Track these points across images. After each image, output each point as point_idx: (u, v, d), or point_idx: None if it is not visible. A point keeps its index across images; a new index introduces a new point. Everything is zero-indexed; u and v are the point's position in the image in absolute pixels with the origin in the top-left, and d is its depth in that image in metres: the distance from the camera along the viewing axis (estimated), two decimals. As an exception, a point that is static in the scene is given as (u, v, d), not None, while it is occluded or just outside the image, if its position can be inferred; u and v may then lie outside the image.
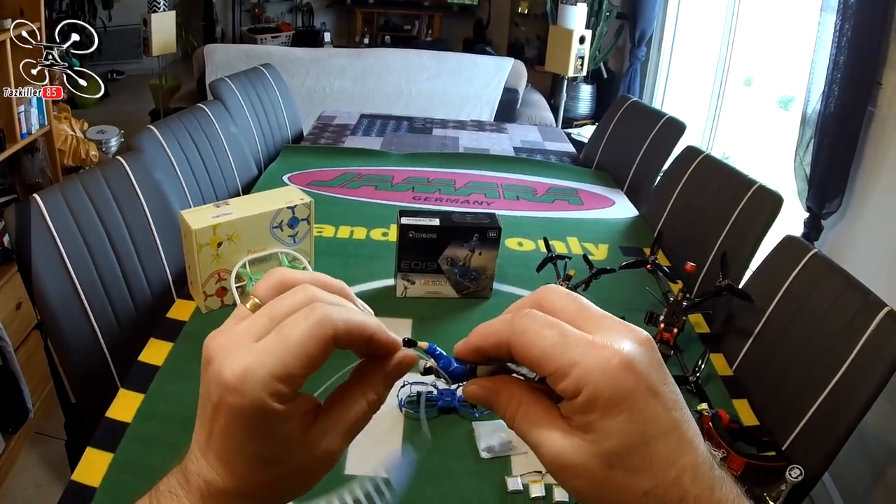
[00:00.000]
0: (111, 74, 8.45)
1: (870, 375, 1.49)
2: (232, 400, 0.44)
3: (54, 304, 1.68)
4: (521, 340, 0.47)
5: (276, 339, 0.45)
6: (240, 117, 3.17)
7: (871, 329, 1.54)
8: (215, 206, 1.86)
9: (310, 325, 0.45)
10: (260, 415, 0.44)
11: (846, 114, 2.88)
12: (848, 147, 2.93)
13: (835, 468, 2.58)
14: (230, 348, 0.45)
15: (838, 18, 2.84)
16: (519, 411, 0.49)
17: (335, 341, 0.46)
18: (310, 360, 0.45)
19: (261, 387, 0.44)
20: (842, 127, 2.90)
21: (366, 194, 2.79)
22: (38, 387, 2.71)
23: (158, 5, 5.73)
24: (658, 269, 2.09)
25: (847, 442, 1.49)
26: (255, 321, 0.47)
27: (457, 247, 1.92)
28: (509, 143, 3.82)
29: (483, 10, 9.66)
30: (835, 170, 2.98)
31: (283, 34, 9.31)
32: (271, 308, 0.47)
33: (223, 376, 0.44)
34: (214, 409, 0.45)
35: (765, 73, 5.18)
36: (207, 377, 0.46)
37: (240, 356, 0.44)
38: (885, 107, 2.83)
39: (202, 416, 0.47)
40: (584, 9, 5.77)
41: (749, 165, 4.61)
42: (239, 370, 0.44)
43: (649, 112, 3.41)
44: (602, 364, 0.44)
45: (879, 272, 2.72)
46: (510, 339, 0.47)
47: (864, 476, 2.53)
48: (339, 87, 5.43)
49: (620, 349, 0.44)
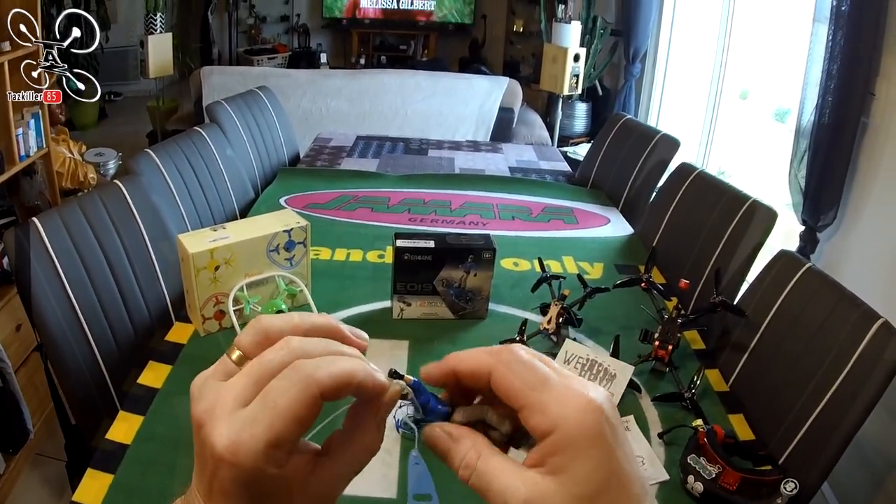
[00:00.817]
0: (109, 96, 8.47)
1: (866, 387, 1.50)
2: (227, 472, 0.44)
3: (54, 327, 1.70)
4: (506, 369, 0.47)
5: (262, 406, 0.44)
6: (236, 140, 3.19)
7: (865, 341, 1.56)
8: (212, 230, 1.89)
9: (295, 389, 0.44)
10: (258, 479, 0.44)
11: (840, 125, 2.88)
12: (842, 158, 2.93)
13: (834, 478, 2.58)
14: (218, 415, 0.45)
15: (831, 29, 2.84)
16: (479, 461, 0.48)
17: (322, 398, 0.45)
18: (299, 422, 0.44)
19: (254, 456, 0.43)
20: (835, 138, 2.90)
21: (362, 216, 2.81)
22: (38, 408, 2.72)
23: (155, 27, 5.76)
24: (652, 287, 2.10)
25: (845, 452, 1.50)
26: (239, 383, 0.46)
27: (452, 268, 1.94)
28: (505, 163, 3.85)
29: (478, 29, 9.73)
30: (829, 182, 2.98)
31: (279, 55, 9.36)
32: (255, 369, 0.46)
33: (216, 448, 0.44)
34: (212, 474, 0.45)
35: (760, 86, 5.16)
36: (200, 440, 0.45)
37: (227, 426, 0.44)
38: (879, 117, 2.83)
39: (201, 471, 0.46)
40: (578, 27, 5.80)
41: (746, 179, 4.62)
42: (229, 442, 0.43)
43: (643, 129, 3.43)
44: (578, 407, 0.45)
45: (876, 283, 2.74)
46: (494, 367, 0.48)
47: (863, 485, 2.53)
48: (336, 108, 5.46)
49: (594, 398, 0.45)
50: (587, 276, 2.32)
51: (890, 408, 2.37)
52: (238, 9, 9.59)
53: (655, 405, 1.73)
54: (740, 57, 4.98)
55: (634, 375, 1.76)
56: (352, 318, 2.01)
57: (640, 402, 1.74)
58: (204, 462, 0.45)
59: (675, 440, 1.58)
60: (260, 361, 0.46)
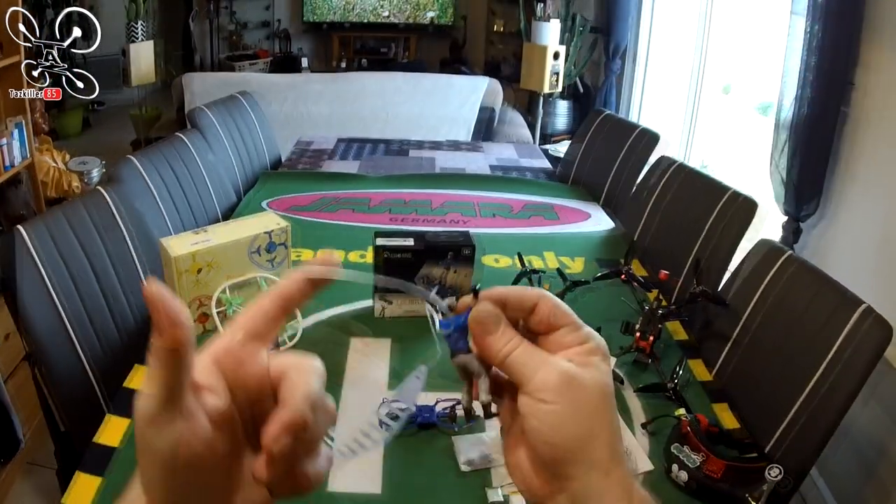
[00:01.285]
0: (92, 105, 8.45)
1: (850, 372, 1.53)
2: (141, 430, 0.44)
3: (42, 335, 1.72)
4: (553, 300, 0.57)
5: None
6: (218, 145, 3.21)
7: (848, 326, 1.58)
8: (194, 234, 1.91)
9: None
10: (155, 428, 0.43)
11: (820, 116, 2.90)
12: (823, 149, 2.95)
13: (826, 468, 2.61)
14: None
15: (808, 20, 2.86)
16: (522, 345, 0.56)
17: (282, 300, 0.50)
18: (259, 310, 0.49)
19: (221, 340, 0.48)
20: (816, 129, 2.92)
21: (343, 217, 2.84)
22: (29, 417, 2.73)
23: (137, 35, 5.76)
24: (632, 279, 2.13)
25: (837, 441, 1.52)
26: None
27: (432, 266, 1.96)
28: (485, 162, 3.87)
29: (459, 30, 9.74)
30: (811, 172, 3.00)
31: (260, 61, 9.37)
32: None
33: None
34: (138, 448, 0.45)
35: (743, 79, 5.19)
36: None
37: None
38: (858, 107, 2.85)
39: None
40: (558, 24, 5.84)
41: (729, 173, 4.63)
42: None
43: (623, 125, 3.48)
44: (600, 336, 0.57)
45: (860, 271, 2.76)
46: (542, 295, 0.58)
47: (855, 475, 2.55)
48: (317, 112, 5.46)
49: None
50: (568, 271, 2.34)
51: (880, 398, 2.40)
52: (219, 15, 9.57)
53: (639, 396, 1.74)
54: (722, 52, 5.00)
55: (617, 367, 1.79)
56: (335, 317, 2.02)
57: (623, 393, 1.75)
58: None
59: (660, 430, 1.60)
60: None
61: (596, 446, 0.53)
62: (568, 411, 0.53)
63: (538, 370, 0.54)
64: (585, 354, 0.55)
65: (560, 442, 0.53)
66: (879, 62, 2.75)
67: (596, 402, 0.53)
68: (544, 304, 0.57)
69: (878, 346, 1.52)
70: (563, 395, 0.53)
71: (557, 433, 0.53)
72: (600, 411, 0.53)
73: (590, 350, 0.55)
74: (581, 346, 0.56)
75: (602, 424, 0.53)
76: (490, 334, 0.57)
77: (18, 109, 3.68)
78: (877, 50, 2.76)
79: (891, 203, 2.67)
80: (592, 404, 0.53)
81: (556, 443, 0.53)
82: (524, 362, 0.55)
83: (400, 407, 1.22)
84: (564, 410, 0.53)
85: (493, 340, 0.56)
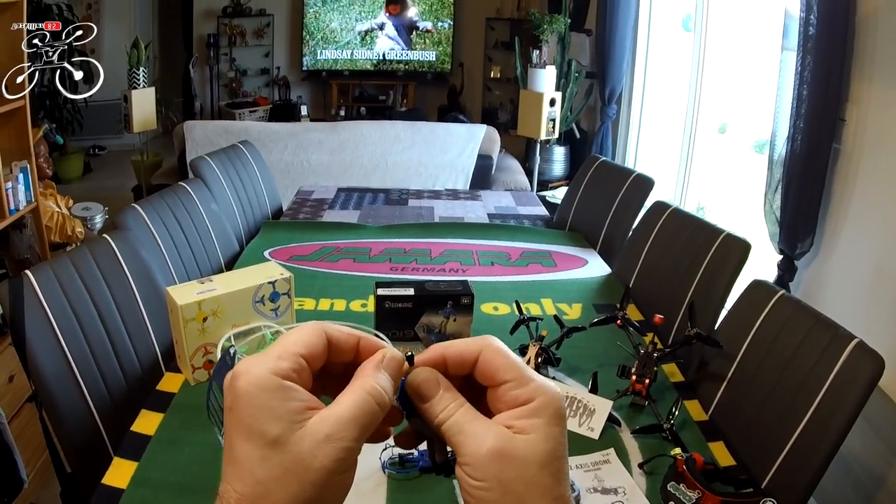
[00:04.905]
0: (93, 150, 8.52)
1: (843, 406, 1.55)
2: (238, 382, 0.50)
3: (48, 377, 1.75)
4: (496, 351, 0.55)
5: (276, 343, 0.52)
6: (220, 194, 3.26)
7: (840, 361, 1.61)
8: (199, 283, 1.95)
9: (305, 326, 0.53)
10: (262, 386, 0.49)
11: (812, 153, 2.93)
12: (816, 185, 2.97)
13: (823, 496, 2.62)
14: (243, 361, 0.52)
15: (799, 56, 2.90)
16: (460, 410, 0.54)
17: (328, 338, 0.54)
18: (307, 346, 0.52)
19: (262, 365, 0.50)
20: (809, 166, 2.95)
21: (345, 267, 2.87)
22: (32, 457, 2.74)
23: (138, 82, 5.82)
24: (628, 324, 2.16)
25: (832, 470, 1.54)
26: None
27: (432, 314, 2.00)
28: (483, 210, 3.91)
29: (456, 76, 9.83)
30: (804, 209, 3.01)
31: (260, 108, 9.46)
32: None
33: (234, 375, 0.50)
34: (228, 411, 0.50)
35: (739, 119, 5.20)
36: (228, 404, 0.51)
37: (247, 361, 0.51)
38: (850, 143, 2.88)
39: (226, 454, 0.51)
40: (553, 71, 5.90)
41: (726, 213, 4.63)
42: (244, 364, 0.50)
43: (618, 170, 3.52)
44: (551, 389, 0.54)
45: (856, 307, 2.79)
46: (485, 347, 0.56)
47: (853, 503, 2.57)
48: (317, 160, 5.51)
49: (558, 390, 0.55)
50: (566, 317, 2.38)
51: (876, 426, 2.42)
52: (219, 62, 9.70)
53: (636, 437, 1.77)
54: (717, 91, 5.04)
55: (614, 410, 1.81)
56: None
57: (620, 435, 1.78)
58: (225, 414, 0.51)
59: (656, 470, 1.62)
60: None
61: None
62: (495, 489, 0.50)
63: (470, 441, 0.52)
64: (528, 416, 0.52)
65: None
66: (869, 98, 2.79)
67: (529, 475, 0.51)
68: (486, 356, 0.55)
69: (870, 379, 1.54)
70: (491, 472, 0.50)
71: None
72: (534, 485, 0.51)
73: (534, 410, 0.52)
74: (524, 407, 0.53)
75: (534, 499, 0.50)
76: (426, 400, 0.55)
77: (23, 153, 3.71)
78: (865, 85, 2.80)
79: (883, 238, 2.70)
80: (524, 479, 0.50)
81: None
82: (458, 430, 0.53)
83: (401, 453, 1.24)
84: (491, 487, 0.50)
85: (431, 406, 0.55)
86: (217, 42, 9.63)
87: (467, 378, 0.57)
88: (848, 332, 1.67)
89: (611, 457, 1.68)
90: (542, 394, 0.53)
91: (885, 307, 2.64)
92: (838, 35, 2.81)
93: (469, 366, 0.56)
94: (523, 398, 0.53)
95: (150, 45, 6.84)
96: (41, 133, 5.05)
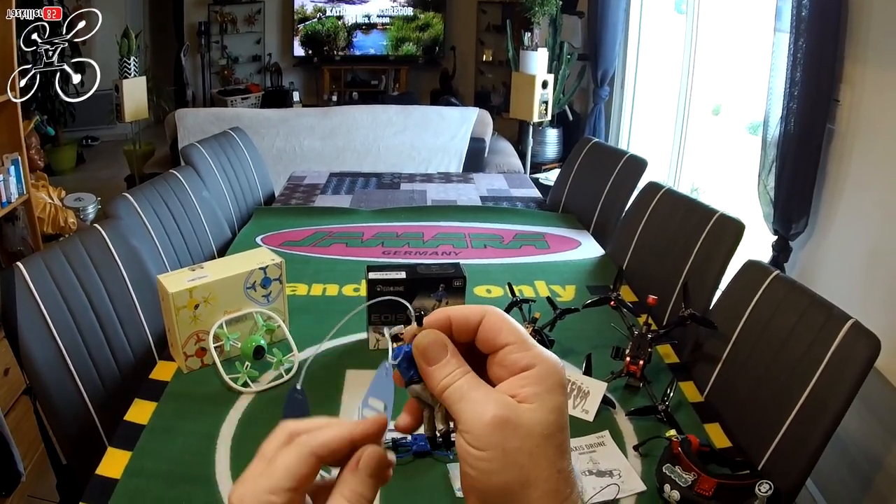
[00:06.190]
0: (85, 141, 8.48)
1: (840, 386, 1.55)
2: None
3: (41, 369, 1.74)
4: (498, 315, 0.55)
5: (266, 467, 0.50)
6: (212, 181, 3.25)
7: (836, 342, 1.60)
8: (191, 270, 1.95)
9: (291, 450, 0.51)
10: None
11: (806, 133, 2.91)
12: (810, 166, 2.96)
13: (821, 480, 2.62)
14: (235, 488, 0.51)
15: (792, 37, 2.88)
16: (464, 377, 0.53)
17: (319, 458, 0.51)
18: (296, 478, 0.50)
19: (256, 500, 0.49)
20: (803, 147, 2.93)
21: (337, 252, 2.86)
22: (29, 450, 2.74)
23: (129, 71, 5.79)
24: (622, 305, 2.15)
25: (830, 453, 1.53)
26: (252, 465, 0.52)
27: (424, 297, 1.99)
28: (476, 193, 3.90)
29: (448, 60, 9.80)
30: (799, 190, 3.01)
31: (252, 95, 9.43)
32: (262, 450, 0.52)
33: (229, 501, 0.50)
34: None
35: (733, 100, 5.18)
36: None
37: (240, 486, 0.50)
38: (844, 123, 2.87)
39: None
40: (545, 53, 5.89)
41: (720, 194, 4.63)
42: (237, 495, 0.49)
43: (611, 151, 3.51)
44: (552, 357, 0.53)
45: (851, 287, 2.79)
46: (488, 312, 0.55)
47: (852, 487, 2.57)
48: (309, 146, 5.49)
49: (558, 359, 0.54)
50: (559, 299, 2.37)
51: (872, 408, 2.42)
52: (210, 50, 9.66)
53: (631, 419, 1.76)
54: (711, 73, 5.02)
55: (609, 391, 1.80)
56: (329, 350, 2.05)
57: (614, 416, 1.78)
58: None
59: (651, 452, 1.62)
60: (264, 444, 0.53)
61: (530, 496, 0.50)
62: (498, 459, 0.49)
63: (471, 409, 0.51)
64: (532, 384, 0.51)
65: (490, 490, 0.50)
66: (863, 78, 2.78)
67: (533, 446, 0.50)
68: (489, 320, 0.55)
69: (866, 360, 1.54)
70: (494, 441, 0.49)
71: (487, 482, 0.50)
72: (538, 456, 0.50)
73: (536, 378, 0.52)
74: (525, 374, 0.52)
75: (539, 471, 0.50)
76: (432, 364, 0.55)
77: (15, 145, 3.70)
78: (860, 66, 2.79)
79: (878, 218, 2.70)
80: (527, 450, 0.49)
81: (486, 491, 0.50)
82: (460, 398, 0.52)
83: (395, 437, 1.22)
84: (494, 457, 0.49)
85: (435, 371, 0.54)
86: (208, 30, 9.58)
87: (468, 349, 0.56)
88: (844, 312, 1.66)
89: (605, 439, 1.68)
90: (542, 361, 0.52)
91: (881, 288, 2.64)
92: (831, 16, 2.79)
93: (472, 329, 0.55)
94: (524, 363, 0.52)
95: (140, 35, 6.80)
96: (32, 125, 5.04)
